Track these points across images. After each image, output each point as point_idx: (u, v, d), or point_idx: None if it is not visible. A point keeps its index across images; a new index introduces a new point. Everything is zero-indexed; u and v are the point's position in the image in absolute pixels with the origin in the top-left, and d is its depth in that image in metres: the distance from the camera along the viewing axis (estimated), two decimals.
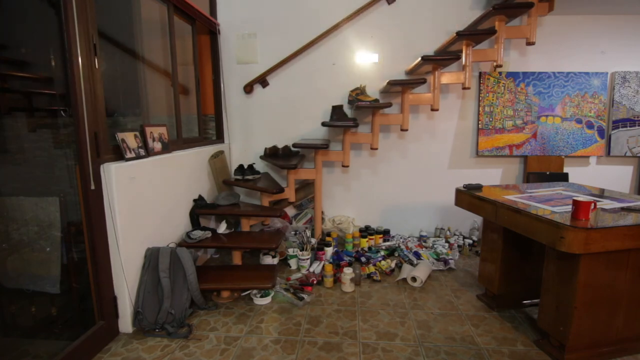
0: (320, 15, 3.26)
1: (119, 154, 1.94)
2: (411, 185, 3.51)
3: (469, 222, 3.46)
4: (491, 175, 3.49)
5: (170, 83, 2.70)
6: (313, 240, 3.06)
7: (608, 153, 3.39)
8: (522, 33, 2.74)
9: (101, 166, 1.80)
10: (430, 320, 2.11)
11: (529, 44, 2.75)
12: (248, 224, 2.87)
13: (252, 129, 3.48)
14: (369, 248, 3.13)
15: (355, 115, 3.28)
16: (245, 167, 3.15)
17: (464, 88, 2.89)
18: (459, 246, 3.19)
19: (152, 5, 2.57)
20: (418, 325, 2.06)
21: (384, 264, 2.78)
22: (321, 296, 2.41)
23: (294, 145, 3.02)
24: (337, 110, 3.07)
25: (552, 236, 1.59)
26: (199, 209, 2.67)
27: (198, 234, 2.48)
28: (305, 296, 2.33)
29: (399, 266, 2.85)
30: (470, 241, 3.29)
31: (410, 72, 3.27)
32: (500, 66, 2.81)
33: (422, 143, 3.45)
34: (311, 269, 2.75)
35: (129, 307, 1.95)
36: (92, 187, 1.75)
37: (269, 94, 3.41)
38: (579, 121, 3.36)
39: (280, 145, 3.36)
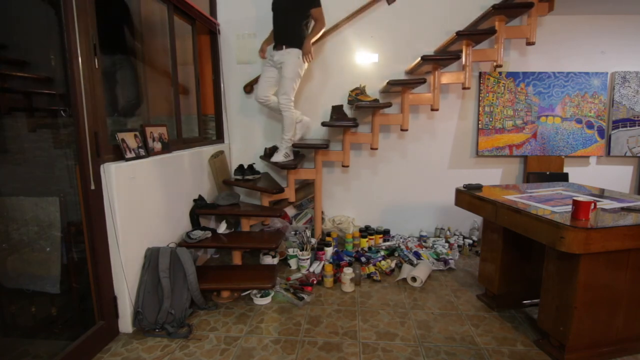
0: None
1: (119, 154, 1.94)
2: (411, 185, 3.51)
3: (469, 222, 3.46)
4: (491, 175, 3.49)
5: (170, 83, 2.70)
6: (313, 240, 3.06)
7: (608, 153, 3.39)
8: (522, 33, 2.74)
9: (101, 166, 1.80)
10: (430, 320, 2.11)
11: (529, 44, 2.75)
12: (248, 224, 2.87)
13: (252, 129, 3.48)
14: (369, 248, 3.13)
15: (355, 115, 3.28)
16: (245, 167, 3.15)
17: (464, 88, 2.89)
18: (459, 246, 3.19)
19: (152, 5, 2.57)
20: (418, 325, 2.06)
21: (384, 264, 2.78)
22: (321, 296, 2.41)
23: (294, 145, 3.02)
24: (337, 110, 3.06)
25: (552, 236, 1.59)
26: (199, 209, 2.66)
27: (198, 234, 2.48)
28: (305, 296, 2.33)
29: (399, 266, 2.85)
30: (470, 241, 3.29)
31: (410, 72, 3.27)
32: (500, 66, 2.81)
33: (422, 143, 3.45)
34: (311, 269, 2.75)
35: (129, 307, 1.95)
36: (92, 187, 1.75)
37: None
38: (579, 121, 3.36)
39: None
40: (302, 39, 2.71)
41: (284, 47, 2.70)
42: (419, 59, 2.84)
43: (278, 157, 2.90)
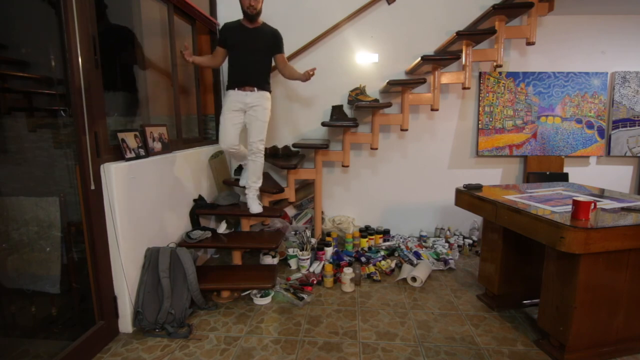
0: (320, 15, 3.25)
1: (119, 154, 1.94)
2: (411, 185, 3.51)
3: (469, 222, 3.46)
4: (491, 175, 3.49)
5: (170, 83, 2.70)
6: (313, 240, 3.06)
7: (608, 153, 3.39)
8: (522, 33, 2.74)
9: (101, 166, 1.80)
10: (430, 320, 2.11)
11: (529, 44, 2.75)
12: (248, 224, 2.87)
13: None
14: (369, 248, 3.13)
15: (355, 115, 3.28)
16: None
17: (464, 88, 2.89)
18: (459, 246, 3.19)
19: (152, 5, 2.57)
20: (418, 325, 2.06)
21: (384, 264, 2.78)
22: (321, 296, 2.41)
23: (294, 145, 3.02)
24: (337, 110, 3.07)
25: (552, 236, 1.59)
26: (199, 209, 2.66)
27: (198, 234, 2.48)
28: (305, 296, 2.33)
29: (399, 266, 2.85)
30: (470, 241, 3.29)
31: (410, 72, 3.27)
32: (500, 66, 2.81)
33: (422, 143, 3.45)
34: (311, 269, 2.75)
35: (129, 307, 1.95)
36: (92, 187, 1.75)
37: None
38: (579, 121, 3.36)
39: (280, 145, 3.36)
40: (269, 83, 2.62)
41: (255, 89, 2.51)
42: (419, 59, 2.84)
43: (257, 207, 2.64)
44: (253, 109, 2.52)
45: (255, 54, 2.52)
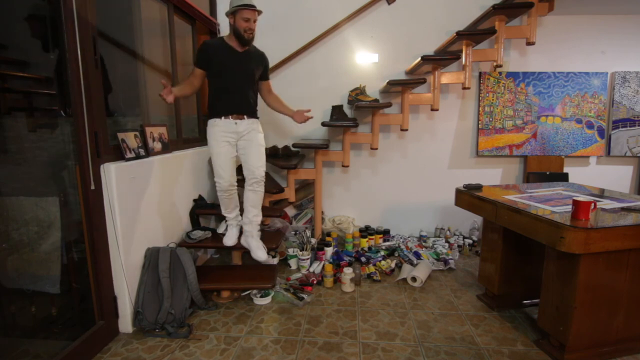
0: (320, 15, 3.25)
1: (119, 154, 1.94)
2: (411, 185, 3.51)
3: (469, 222, 3.46)
4: (491, 175, 3.49)
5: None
6: (313, 240, 3.06)
7: (608, 153, 3.39)
8: (522, 33, 2.74)
9: (101, 166, 1.80)
10: (430, 320, 2.11)
11: (529, 44, 2.75)
12: None
13: None
14: (369, 248, 3.13)
15: (355, 115, 3.28)
16: None
17: (464, 88, 2.89)
18: (459, 246, 3.19)
19: (152, 5, 2.57)
20: (418, 325, 2.06)
21: (384, 264, 2.78)
22: (321, 296, 2.41)
23: (294, 145, 3.02)
24: (337, 110, 3.07)
25: (552, 236, 1.59)
26: (199, 209, 2.67)
27: (198, 234, 2.48)
28: (305, 296, 2.33)
29: (399, 266, 2.85)
30: (470, 241, 3.29)
31: (410, 72, 3.27)
32: (500, 66, 2.82)
33: (422, 143, 3.45)
34: (311, 269, 2.75)
35: (129, 307, 1.95)
36: (92, 187, 1.75)
37: None
38: (579, 121, 3.36)
39: (280, 145, 3.35)
40: (257, 110, 2.42)
41: (245, 117, 2.30)
42: (419, 59, 2.84)
43: (263, 253, 2.38)
44: (247, 135, 2.32)
45: (246, 80, 2.33)
